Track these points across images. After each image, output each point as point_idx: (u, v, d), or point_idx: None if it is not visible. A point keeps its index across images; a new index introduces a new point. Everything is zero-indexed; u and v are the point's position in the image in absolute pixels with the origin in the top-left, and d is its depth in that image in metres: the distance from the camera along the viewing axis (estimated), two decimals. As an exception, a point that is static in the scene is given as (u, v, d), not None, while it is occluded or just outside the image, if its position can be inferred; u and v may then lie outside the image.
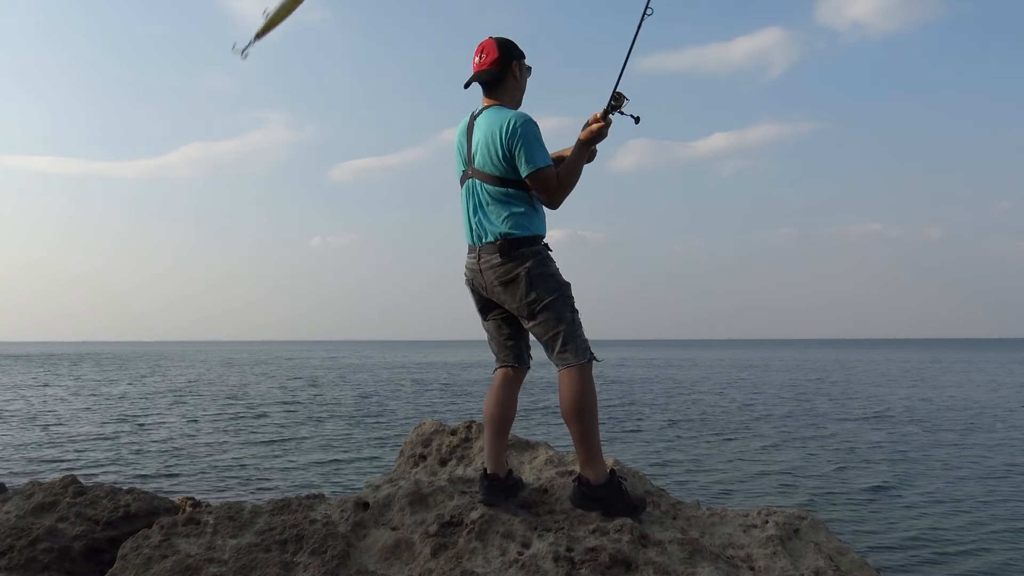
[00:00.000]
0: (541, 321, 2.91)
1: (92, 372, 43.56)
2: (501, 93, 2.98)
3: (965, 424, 16.83)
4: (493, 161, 2.88)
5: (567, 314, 2.93)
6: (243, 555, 2.80)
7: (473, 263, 2.99)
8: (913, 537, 7.57)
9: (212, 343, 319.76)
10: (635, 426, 16.59)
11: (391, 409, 20.76)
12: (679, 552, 2.74)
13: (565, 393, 2.90)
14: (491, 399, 3.09)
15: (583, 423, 2.89)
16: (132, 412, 19.97)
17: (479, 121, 2.96)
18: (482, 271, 2.95)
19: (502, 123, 2.85)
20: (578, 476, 3.01)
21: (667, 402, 22.79)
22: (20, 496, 3.94)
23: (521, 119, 2.85)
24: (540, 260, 2.93)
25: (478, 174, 2.93)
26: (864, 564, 2.92)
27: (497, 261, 2.89)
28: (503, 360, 3.12)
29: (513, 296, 2.91)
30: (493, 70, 2.94)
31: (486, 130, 2.90)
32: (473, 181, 2.95)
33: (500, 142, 2.85)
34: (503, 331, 3.09)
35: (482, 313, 3.12)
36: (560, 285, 2.95)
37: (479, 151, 2.91)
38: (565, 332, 2.91)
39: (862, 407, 20.81)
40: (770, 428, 16.34)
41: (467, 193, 2.99)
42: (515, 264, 2.88)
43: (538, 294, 2.88)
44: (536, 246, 2.94)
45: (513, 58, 2.97)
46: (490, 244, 2.91)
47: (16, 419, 18.10)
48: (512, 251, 2.88)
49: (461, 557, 2.72)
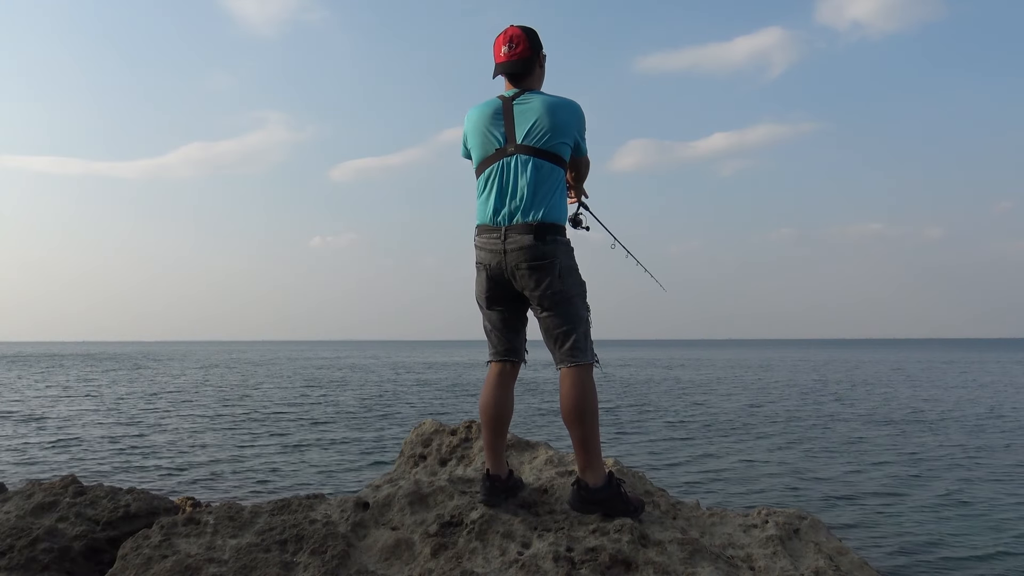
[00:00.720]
0: (558, 314, 2.88)
1: (92, 372, 43.56)
2: (531, 82, 2.99)
3: (967, 425, 16.83)
4: (559, 136, 2.86)
5: (583, 312, 2.92)
6: (243, 555, 2.80)
7: (495, 243, 2.89)
8: (914, 538, 7.57)
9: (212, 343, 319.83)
10: (635, 426, 16.59)
11: (391, 409, 20.76)
12: (679, 552, 2.74)
13: (568, 394, 2.87)
14: (488, 398, 3.02)
15: (584, 426, 2.86)
16: (132, 412, 19.97)
17: (527, 100, 2.91)
18: (507, 251, 2.85)
19: (568, 104, 2.90)
20: (577, 479, 2.97)
21: (667, 402, 22.79)
22: (20, 496, 3.94)
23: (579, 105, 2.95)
24: (570, 252, 2.93)
25: (529, 150, 2.86)
26: (864, 564, 2.92)
27: (529, 242, 2.82)
28: (500, 353, 3.05)
29: (538, 282, 2.84)
30: (526, 59, 2.95)
31: (545, 109, 2.87)
32: (518, 158, 2.87)
33: (571, 121, 2.88)
34: (507, 322, 3.03)
35: (489, 300, 3.00)
36: (582, 282, 2.96)
37: (538, 127, 2.86)
38: (579, 330, 2.89)
39: (862, 407, 20.81)
40: (770, 428, 16.35)
41: (501, 172, 2.89)
42: (550, 249, 2.84)
43: (564, 285, 2.86)
44: (566, 237, 2.93)
45: (540, 46, 3.00)
46: (523, 224, 2.83)
47: (16, 419, 18.11)
48: (547, 235, 2.84)
49: (461, 557, 2.72)
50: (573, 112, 2.90)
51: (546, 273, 2.83)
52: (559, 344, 2.89)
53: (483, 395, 3.06)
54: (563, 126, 2.87)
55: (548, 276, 2.83)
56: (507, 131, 2.91)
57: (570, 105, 2.91)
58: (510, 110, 2.92)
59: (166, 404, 22.52)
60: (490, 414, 3.01)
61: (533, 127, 2.87)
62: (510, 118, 2.91)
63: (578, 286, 2.92)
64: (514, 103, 2.93)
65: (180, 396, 25.59)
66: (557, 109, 2.88)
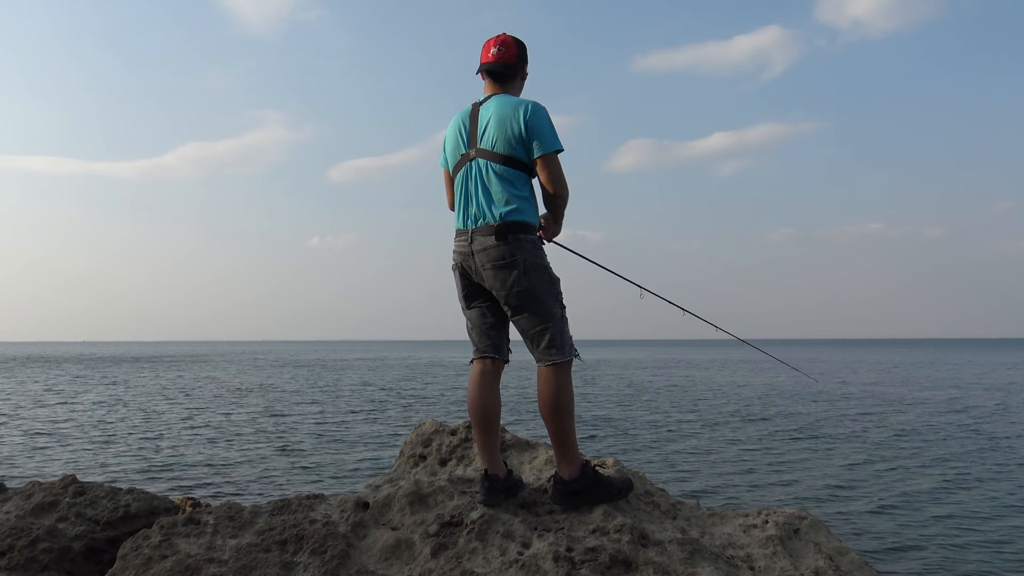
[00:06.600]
0: (529, 314, 2.91)
1: (91, 372, 43.57)
2: (510, 88, 3.06)
3: (968, 425, 16.83)
4: (507, 138, 2.89)
5: (556, 309, 2.95)
6: (243, 555, 2.80)
7: (464, 246, 2.98)
8: (914, 537, 7.57)
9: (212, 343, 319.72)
10: (635, 426, 16.60)
11: (391, 409, 20.77)
12: (679, 552, 2.74)
13: (544, 390, 2.92)
14: (475, 398, 3.04)
15: (560, 420, 2.92)
16: (132, 412, 19.97)
17: (488, 104, 2.98)
18: (474, 254, 2.94)
19: (521, 104, 2.91)
20: (554, 474, 3.03)
21: (667, 402, 22.79)
22: (20, 496, 3.93)
23: (538, 104, 2.93)
24: (535, 249, 2.94)
25: (485, 153, 2.93)
26: (864, 564, 2.92)
27: (492, 243, 2.88)
28: (483, 351, 3.08)
29: (503, 282, 2.89)
30: (512, 64, 3.03)
31: (500, 111, 2.93)
32: (477, 162, 2.95)
33: (521, 121, 2.88)
34: (487, 320, 3.07)
35: (466, 300, 3.08)
36: (552, 279, 2.97)
37: (490, 130, 2.92)
38: (553, 328, 2.92)
39: (863, 407, 20.81)
40: (770, 428, 16.35)
41: (465, 176, 2.99)
42: (510, 249, 2.87)
43: (530, 283, 2.88)
44: (532, 235, 2.95)
45: (526, 60, 3.09)
46: (486, 226, 2.90)
47: (16, 419, 18.11)
48: (508, 235, 2.88)
49: (461, 557, 2.72)
50: (528, 111, 2.89)
51: (509, 272, 2.88)
52: (535, 344, 2.95)
53: (469, 395, 3.10)
54: (514, 125, 2.88)
55: (511, 276, 2.88)
56: (471, 136, 2.99)
57: (521, 105, 2.91)
58: (476, 115, 3.00)
59: (166, 404, 22.52)
60: (479, 415, 3.03)
61: (487, 130, 2.93)
62: (475, 123, 2.99)
63: (546, 283, 2.93)
64: (480, 107, 3.00)
65: (179, 396, 25.60)
66: (513, 109, 2.90)
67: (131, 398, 24.73)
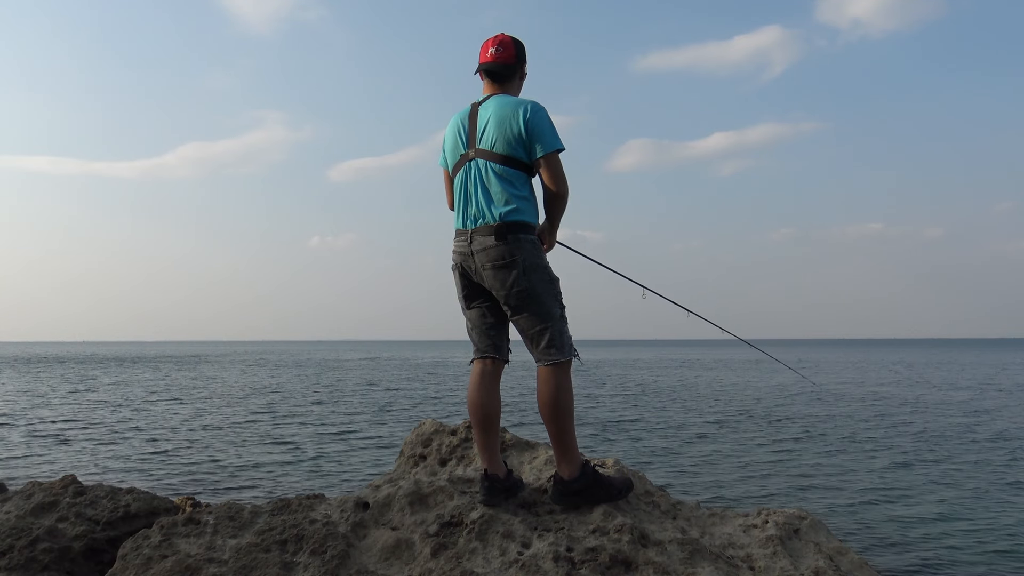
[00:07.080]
0: (529, 314, 2.92)
1: (91, 372, 43.56)
2: (508, 88, 3.06)
3: (969, 425, 16.82)
4: (507, 138, 2.89)
5: (555, 309, 2.95)
6: (243, 555, 2.80)
7: (464, 246, 2.99)
8: (914, 537, 7.56)
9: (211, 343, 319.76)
10: (636, 426, 16.60)
11: (391, 409, 20.76)
12: (679, 552, 2.74)
13: (544, 390, 2.92)
14: (475, 398, 3.05)
15: (560, 421, 2.92)
16: (132, 412, 19.97)
17: (487, 104, 2.99)
18: (473, 254, 2.94)
19: (520, 104, 2.91)
20: (554, 474, 3.04)
21: (667, 402, 22.79)
22: (20, 496, 3.94)
23: (538, 104, 2.92)
24: (535, 249, 2.94)
25: (484, 153, 2.93)
26: (864, 564, 2.92)
27: (491, 243, 2.89)
28: (483, 351, 3.09)
29: (503, 282, 2.90)
30: (510, 64, 3.03)
31: (499, 111, 2.93)
32: (476, 162, 2.96)
33: (521, 121, 2.88)
34: (487, 320, 3.07)
35: (466, 300, 3.09)
36: (552, 278, 2.97)
37: (489, 130, 2.93)
38: (552, 328, 2.92)
39: (863, 407, 20.81)
40: (771, 428, 16.34)
41: (464, 176, 2.99)
42: (510, 249, 2.88)
43: (529, 283, 2.89)
44: (532, 235, 2.95)
45: (525, 60, 3.10)
46: (486, 226, 2.91)
47: (16, 419, 18.10)
48: (508, 235, 2.88)
49: (461, 557, 2.72)
50: (528, 111, 2.89)
51: (509, 272, 2.88)
52: (535, 344, 2.95)
53: (469, 395, 3.10)
54: (514, 125, 2.89)
55: (511, 276, 2.88)
56: (470, 136, 3.00)
57: (521, 105, 2.91)
58: (475, 115, 3.01)
59: (166, 404, 22.52)
60: (479, 415, 3.04)
61: (486, 131, 2.94)
62: (474, 123, 3.00)
63: (545, 283, 2.94)
64: (479, 107, 3.01)
65: (179, 396, 25.59)
66: (513, 110, 2.91)
67: (131, 398, 24.73)
